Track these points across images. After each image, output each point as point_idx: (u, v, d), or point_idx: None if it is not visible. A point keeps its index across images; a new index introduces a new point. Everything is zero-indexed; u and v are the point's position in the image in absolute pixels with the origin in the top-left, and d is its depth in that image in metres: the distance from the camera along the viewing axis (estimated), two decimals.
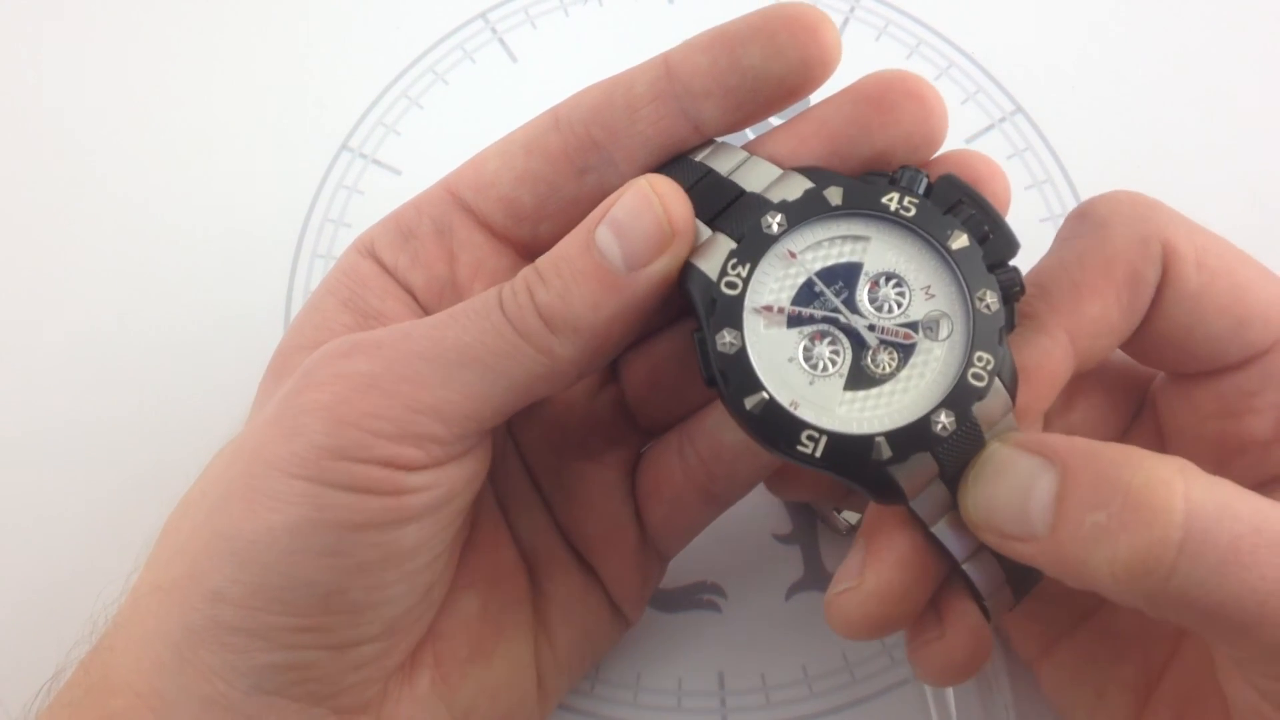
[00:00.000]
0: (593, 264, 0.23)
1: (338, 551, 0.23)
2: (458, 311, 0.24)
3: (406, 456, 0.23)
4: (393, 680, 0.26)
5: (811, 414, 0.23)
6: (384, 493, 0.23)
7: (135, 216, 0.38)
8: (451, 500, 0.24)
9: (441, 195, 0.27)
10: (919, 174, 0.24)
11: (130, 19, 0.41)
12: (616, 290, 0.23)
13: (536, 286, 0.24)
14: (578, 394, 0.29)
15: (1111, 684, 0.27)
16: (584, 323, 0.23)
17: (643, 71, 0.25)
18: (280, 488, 0.22)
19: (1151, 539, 0.20)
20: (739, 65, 0.24)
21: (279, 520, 0.22)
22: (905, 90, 0.25)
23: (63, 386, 0.36)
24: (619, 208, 0.23)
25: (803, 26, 0.24)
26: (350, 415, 0.22)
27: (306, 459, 0.22)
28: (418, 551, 0.24)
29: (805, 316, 0.24)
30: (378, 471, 0.23)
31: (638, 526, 0.29)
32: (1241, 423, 0.26)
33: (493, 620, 0.27)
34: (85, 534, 0.34)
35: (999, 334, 0.23)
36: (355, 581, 0.23)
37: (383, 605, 0.24)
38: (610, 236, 0.23)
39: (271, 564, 0.22)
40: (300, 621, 0.23)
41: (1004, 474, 0.22)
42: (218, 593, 0.23)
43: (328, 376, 0.23)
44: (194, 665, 0.23)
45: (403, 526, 0.23)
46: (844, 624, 0.24)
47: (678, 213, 0.24)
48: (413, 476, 0.23)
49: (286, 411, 0.23)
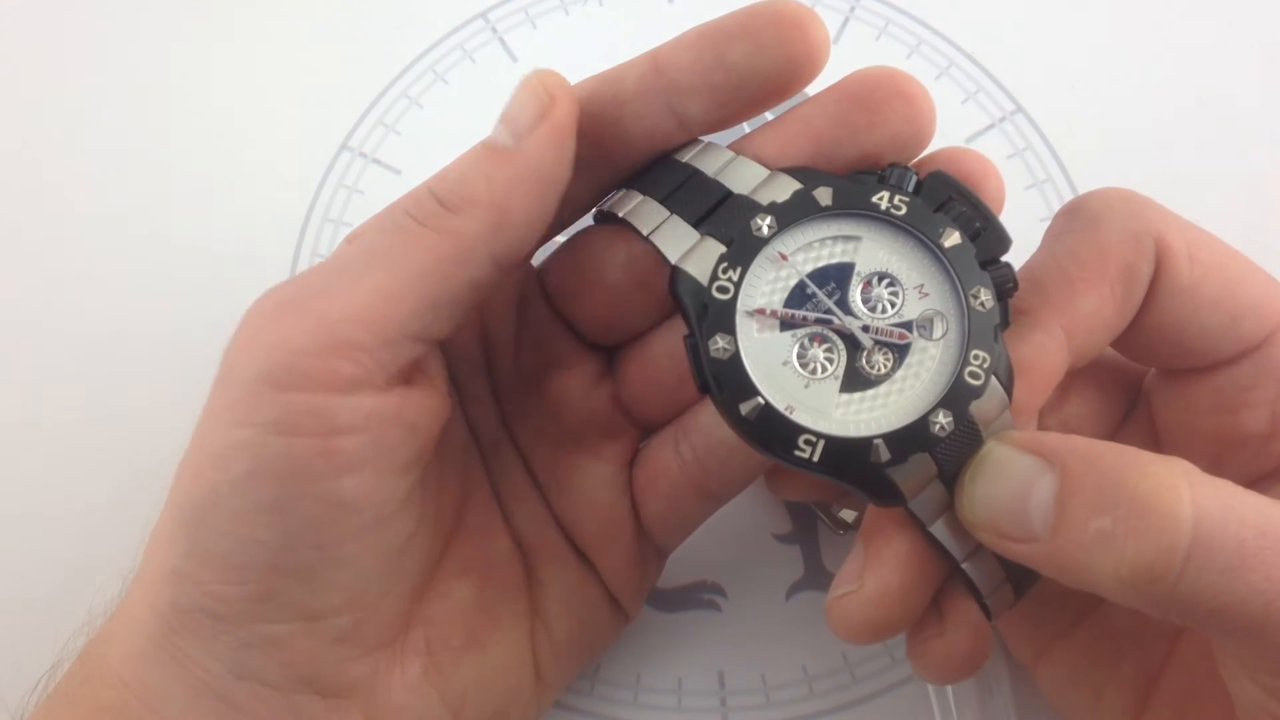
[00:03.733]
0: (484, 148, 0.24)
1: (278, 506, 0.22)
2: (361, 226, 0.25)
3: (334, 370, 0.22)
4: (383, 665, 0.25)
5: (808, 418, 0.23)
6: (315, 433, 0.22)
7: (135, 216, 0.38)
8: (391, 449, 0.24)
9: None
10: (908, 171, 0.24)
11: (131, 19, 0.41)
12: (508, 162, 0.23)
13: (434, 180, 0.24)
14: (574, 390, 0.29)
15: (1110, 684, 0.27)
16: (480, 195, 0.23)
17: (631, 67, 0.25)
18: (219, 443, 0.22)
19: (1160, 545, 0.20)
20: (724, 62, 0.24)
21: (222, 479, 0.22)
22: (892, 89, 0.24)
23: (63, 385, 0.36)
24: (508, 102, 0.24)
25: (789, 24, 0.23)
26: (269, 339, 0.23)
27: (240, 399, 0.22)
28: (361, 507, 0.23)
29: (798, 319, 0.23)
30: (309, 399, 0.22)
31: (635, 521, 0.29)
32: (1237, 418, 0.26)
33: (487, 608, 0.27)
34: (85, 530, 0.34)
35: (994, 331, 0.23)
36: (301, 539, 0.23)
37: (337, 568, 0.23)
38: (502, 127, 0.24)
39: (216, 526, 0.22)
40: (252, 589, 0.23)
41: (1002, 474, 0.22)
42: (176, 571, 0.23)
43: (249, 317, 0.24)
44: (171, 654, 0.23)
45: (340, 476, 0.23)
46: (846, 628, 0.24)
47: (553, 81, 0.24)
48: (344, 405, 0.22)
49: (222, 364, 0.23)
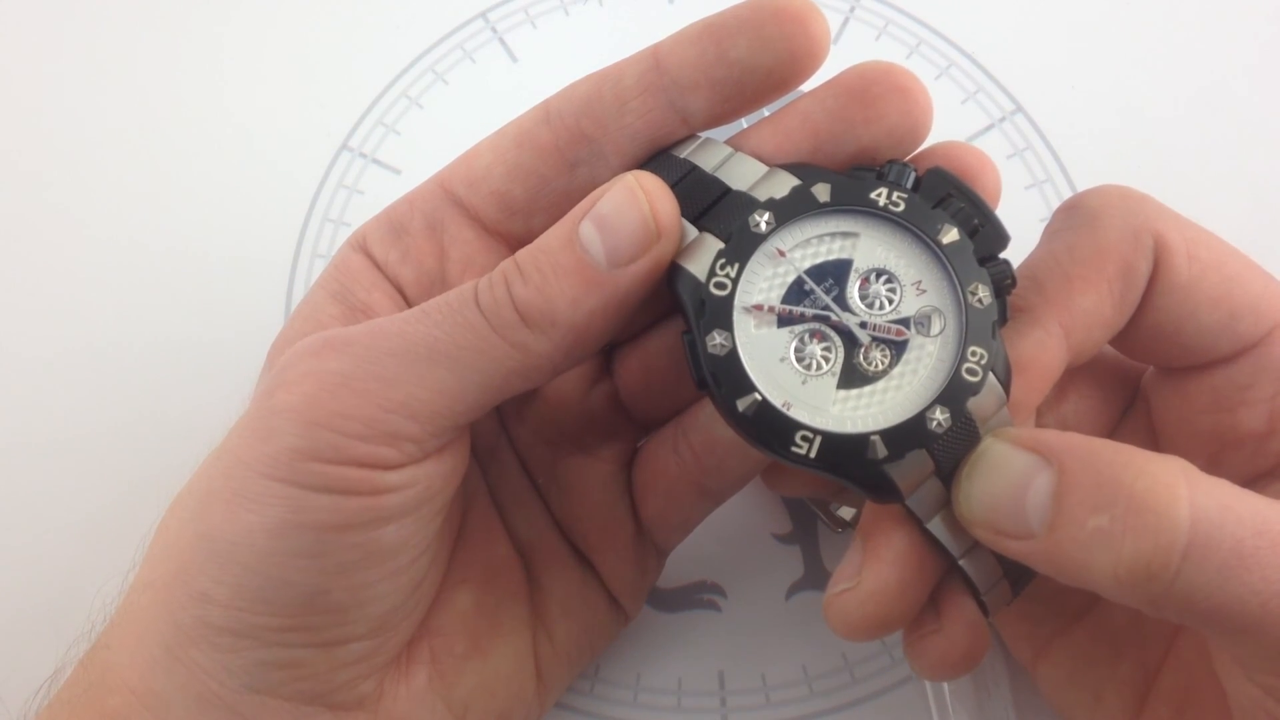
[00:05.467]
0: (574, 259, 0.23)
1: (317, 553, 0.22)
2: (432, 306, 0.23)
3: (380, 456, 0.22)
4: (389, 677, 0.26)
5: (805, 414, 0.23)
6: (360, 493, 0.22)
7: (135, 216, 0.38)
8: (431, 499, 0.24)
9: (435, 190, 0.27)
10: (906, 168, 0.24)
11: (132, 20, 0.41)
12: (597, 287, 0.23)
13: (515, 280, 0.23)
14: (572, 389, 0.29)
15: (1109, 683, 0.27)
16: (562, 318, 0.23)
17: (632, 64, 0.25)
18: (257, 489, 0.22)
19: (1157, 545, 0.20)
20: (726, 58, 0.24)
21: (257, 522, 0.22)
22: (890, 83, 0.24)
23: (62, 387, 0.36)
24: (605, 203, 0.23)
25: (790, 18, 0.23)
26: (321, 416, 0.22)
27: (280, 461, 0.22)
28: (399, 551, 0.24)
29: (796, 315, 0.23)
30: (353, 472, 0.22)
31: (634, 520, 0.29)
32: (1234, 416, 0.26)
33: (489, 616, 0.27)
34: (85, 535, 0.34)
35: (992, 328, 0.23)
36: (336, 582, 0.23)
37: (368, 604, 0.24)
38: (594, 232, 0.23)
39: (252, 565, 0.22)
40: (285, 621, 0.23)
41: (998, 471, 0.22)
42: (204, 594, 0.23)
43: (299, 376, 0.23)
44: (185, 664, 0.23)
45: (381, 526, 0.23)
46: (843, 624, 0.24)
47: (664, 210, 0.23)
48: (389, 476, 0.23)
49: (260, 413, 0.23)
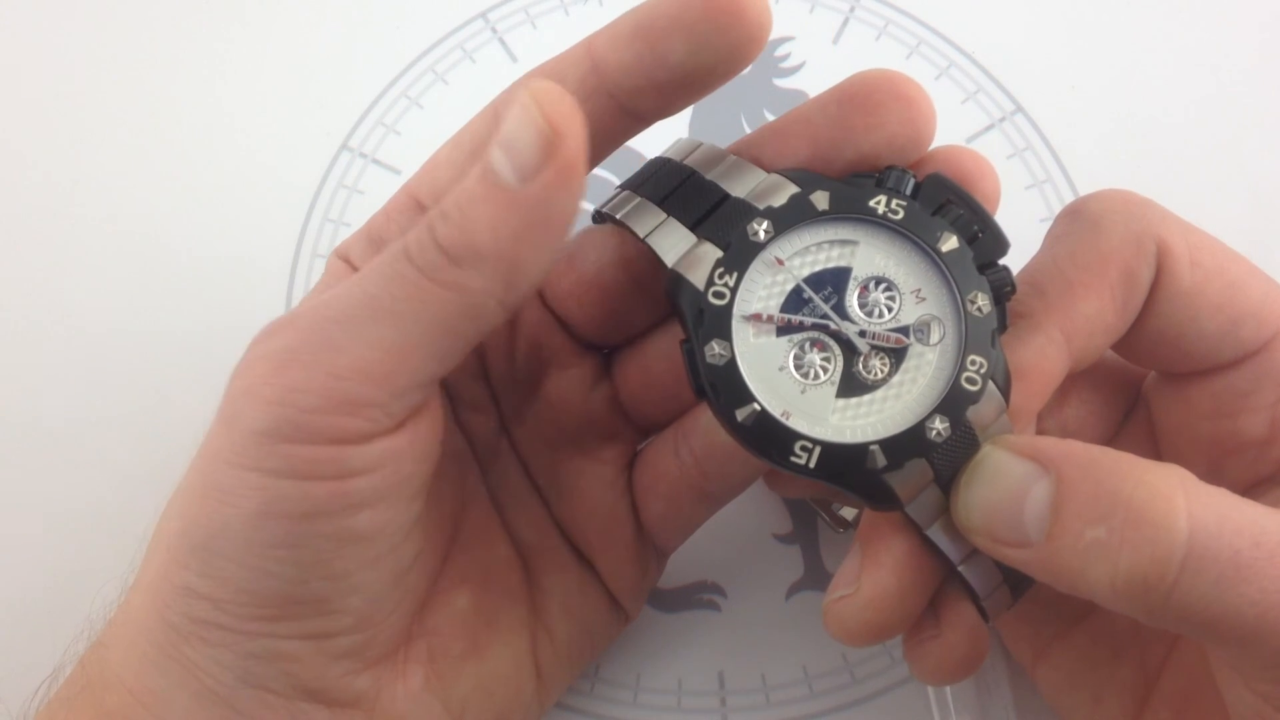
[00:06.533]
0: (487, 186, 0.22)
1: (292, 543, 0.22)
2: (367, 267, 0.23)
3: (344, 427, 0.22)
4: (385, 676, 0.26)
5: (804, 424, 0.23)
6: (328, 477, 0.22)
7: (136, 216, 0.38)
8: (402, 482, 0.23)
9: (406, 202, 0.26)
10: (906, 174, 0.24)
11: (132, 20, 0.41)
12: (512, 207, 0.22)
13: (437, 222, 0.22)
14: (572, 392, 0.29)
15: (1108, 687, 0.27)
16: (486, 247, 0.22)
17: (570, 65, 0.24)
18: (229, 481, 0.22)
19: (1154, 557, 0.20)
20: (665, 62, 0.23)
21: (232, 514, 0.22)
22: (891, 91, 0.24)
23: (62, 385, 0.36)
24: (505, 124, 0.22)
25: (721, 9, 0.22)
26: (275, 394, 0.22)
27: (246, 448, 0.22)
28: (375, 537, 0.23)
29: (795, 324, 0.23)
30: (320, 451, 0.22)
31: (635, 522, 0.29)
32: (1236, 422, 0.26)
33: (487, 616, 0.27)
34: (84, 533, 0.34)
35: (991, 336, 0.23)
36: (314, 572, 0.23)
37: (349, 594, 0.23)
38: (501, 155, 0.22)
39: (232, 557, 0.22)
40: (268, 612, 0.23)
41: (997, 479, 0.22)
42: (188, 588, 0.23)
43: (253, 359, 0.23)
44: (178, 661, 0.23)
45: (354, 514, 0.23)
46: (843, 630, 0.24)
47: (558, 114, 0.22)
48: (356, 454, 0.22)
49: (224, 401, 0.23)
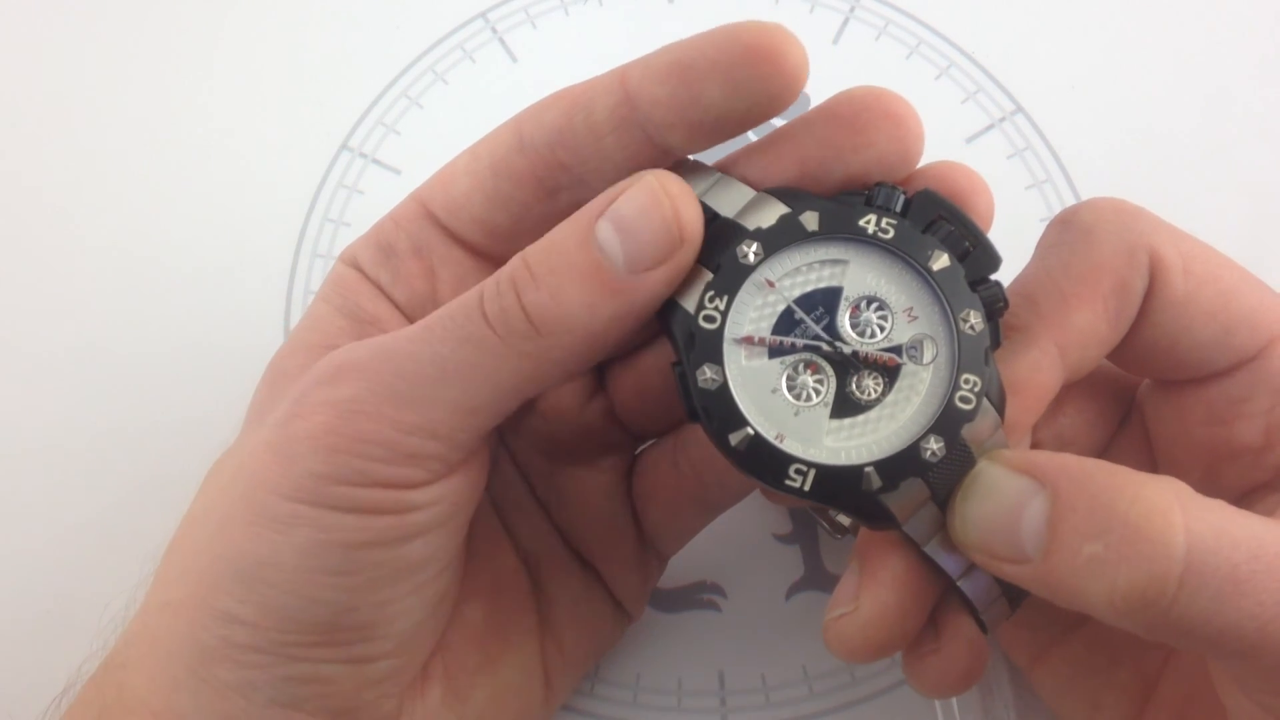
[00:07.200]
0: (590, 261, 0.21)
1: (345, 570, 0.22)
2: (435, 321, 0.23)
3: (405, 476, 0.22)
4: (407, 695, 0.26)
5: (798, 447, 0.22)
6: (387, 512, 0.22)
7: (136, 217, 0.38)
8: (456, 513, 0.24)
9: (416, 210, 0.26)
10: (895, 191, 0.23)
11: (130, 20, 0.41)
12: (616, 293, 0.21)
13: (525, 285, 0.22)
14: (568, 404, 0.28)
15: (1107, 691, 0.27)
16: (578, 324, 0.21)
17: (602, 93, 0.23)
18: (283, 511, 0.22)
19: (1152, 573, 0.20)
20: (700, 101, 0.22)
21: (283, 542, 0.22)
22: (880, 110, 0.23)
23: (63, 391, 0.36)
24: (625, 203, 0.21)
25: (763, 57, 0.22)
26: (341, 443, 0.22)
27: (303, 485, 0.22)
28: (426, 565, 0.24)
29: (786, 346, 0.23)
30: (379, 493, 0.22)
31: (635, 528, 0.29)
32: (1231, 429, 0.25)
33: (498, 628, 0.27)
34: (89, 545, 0.34)
35: (984, 354, 0.23)
36: (364, 599, 0.23)
37: (394, 620, 0.24)
38: (612, 234, 0.21)
39: (279, 584, 0.22)
40: (313, 638, 0.23)
41: (993, 495, 0.22)
42: (228, 613, 0.23)
43: (316, 404, 0.23)
44: (209, 683, 0.23)
45: (409, 542, 0.23)
46: (844, 648, 0.24)
47: (688, 215, 0.22)
48: (415, 494, 0.23)
49: (280, 439, 0.23)
